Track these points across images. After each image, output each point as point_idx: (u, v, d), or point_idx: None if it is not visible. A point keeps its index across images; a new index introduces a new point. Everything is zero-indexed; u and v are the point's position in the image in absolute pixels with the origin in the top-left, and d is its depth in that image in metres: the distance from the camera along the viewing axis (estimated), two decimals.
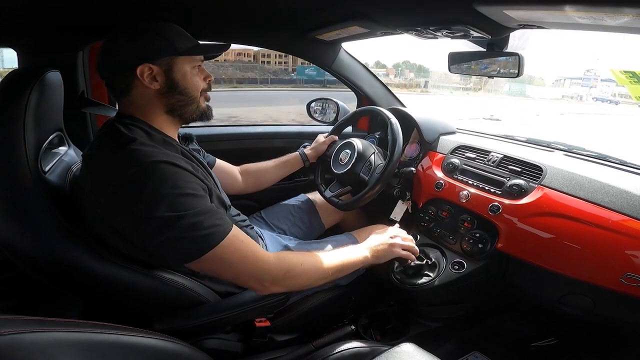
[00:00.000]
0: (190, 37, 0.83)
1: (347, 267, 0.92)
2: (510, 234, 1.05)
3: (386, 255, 0.99)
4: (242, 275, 0.78)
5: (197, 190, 0.72)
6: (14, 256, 0.71)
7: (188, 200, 0.69)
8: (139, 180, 0.67)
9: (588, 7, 0.69)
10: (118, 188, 0.68)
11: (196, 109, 0.85)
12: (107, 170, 0.70)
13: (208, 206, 0.72)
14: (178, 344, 0.61)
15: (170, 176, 0.69)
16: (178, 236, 0.68)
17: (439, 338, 1.24)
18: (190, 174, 0.73)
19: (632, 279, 0.85)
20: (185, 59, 0.81)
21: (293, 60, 15.74)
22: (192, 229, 0.68)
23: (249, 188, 1.29)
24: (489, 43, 1.10)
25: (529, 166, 1.11)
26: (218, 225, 0.72)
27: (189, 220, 0.68)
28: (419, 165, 1.36)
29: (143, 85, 0.77)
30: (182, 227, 0.67)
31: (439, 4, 0.89)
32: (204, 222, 0.69)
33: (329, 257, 0.89)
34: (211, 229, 0.70)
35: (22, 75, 0.71)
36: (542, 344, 1.27)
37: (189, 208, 0.68)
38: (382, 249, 0.99)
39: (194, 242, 0.69)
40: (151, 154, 0.70)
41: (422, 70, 35.58)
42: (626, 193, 0.91)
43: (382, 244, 1.00)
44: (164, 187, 0.67)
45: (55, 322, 0.47)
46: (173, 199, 0.67)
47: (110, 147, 0.73)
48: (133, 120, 0.78)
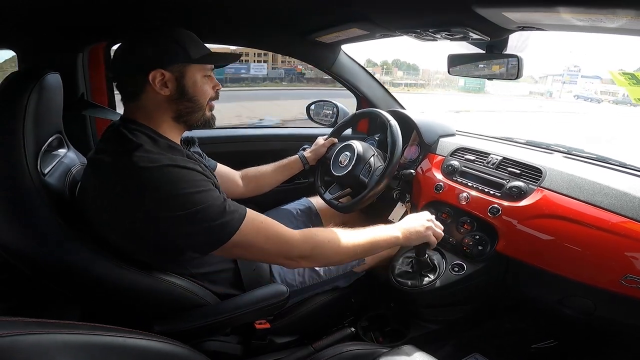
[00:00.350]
0: (203, 44, 0.83)
1: (378, 245, 0.92)
2: (510, 236, 1.05)
3: (419, 238, 0.97)
4: (271, 254, 0.81)
5: (207, 186, 0.74)
6: (13, 258, 0.71)
7: (202, 195, 0.72)
8: (149, 184, 0.69)
9: (586, 9, 0.69)
10: (126, 192, 0.70)
11: (202, 117, 0.86)
12: (114, 174, 0.71)
13: (220, 197, 0.75)
14: (178, 346, 0.61)
15: (180, 177, 0.71)
16: (201, 228, 0.71)
17: (438, 340, 1.24)
18: (199, 172, 0.75)
19: (633, 280, 0.85)
20: (197, 67, 0.81)
21: (273, 58, 15.58)
22: (213, 219, 0.71)
23: (249, 192, 1.29)
24: (488, 45, 1.11)
25: (528, 168, 1.11)
26: (234, 211, 0.75)
27: (207, 212, 0.71)
28: (419, 168, 1.36)
29: (153, 90, 0.77)
30: (202, 219, 0.71)
31: (438, 6, 0.89)
32: (220, 210, 0.73)
33: (358, 235, 0.90)
34: (229, 215, 0.74)
35: (21, 77, 0.72)
36: (542, 345, 1.27)
37: (204, 201, 0.71)
38: (416, 231, 0.96)
39: (216, 231, 0.72)
40: (158, 159, 0.71)
41: (413, 69, 34.78)
42: (626, 195, 0.91)
43: (417, 226, 0.97)
44: (175, 189, 0.70)
45: (55, 324, 0.46)
46: (187, 197, 0.70)
47: (116, 152, 0.73)
48: (138, 125, 0.78)
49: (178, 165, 0.72)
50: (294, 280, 1.03)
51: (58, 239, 0.71)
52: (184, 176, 0.72)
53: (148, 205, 0.69)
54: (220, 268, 0.91)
